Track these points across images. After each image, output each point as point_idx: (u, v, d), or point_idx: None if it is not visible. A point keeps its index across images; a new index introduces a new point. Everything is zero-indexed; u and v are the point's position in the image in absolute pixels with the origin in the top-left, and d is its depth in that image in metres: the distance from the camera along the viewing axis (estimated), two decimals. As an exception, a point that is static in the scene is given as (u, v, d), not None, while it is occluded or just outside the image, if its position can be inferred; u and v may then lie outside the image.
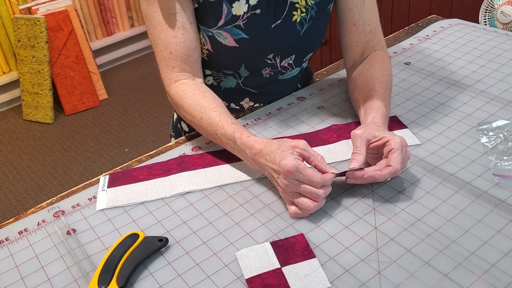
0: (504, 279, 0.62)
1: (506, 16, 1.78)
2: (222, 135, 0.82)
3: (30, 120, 2.90)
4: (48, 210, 0.80)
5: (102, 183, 0.84)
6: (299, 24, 0.93)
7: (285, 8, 0.90)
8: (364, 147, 0.76)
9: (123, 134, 2.72)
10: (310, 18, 0.93)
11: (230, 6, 0.87)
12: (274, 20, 0.91)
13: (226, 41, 0.91)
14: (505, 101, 0.97)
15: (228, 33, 0.90)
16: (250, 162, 0.80)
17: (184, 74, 0.90)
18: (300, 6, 0.91)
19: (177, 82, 0.90)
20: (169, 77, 0.90)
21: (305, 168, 0.70)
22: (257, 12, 0.89)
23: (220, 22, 0.89)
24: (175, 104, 0.91)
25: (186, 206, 0.78)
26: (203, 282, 0.65)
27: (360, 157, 0.74)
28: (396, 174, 0.73)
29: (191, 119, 0.88)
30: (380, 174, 0.73)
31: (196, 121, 0.86)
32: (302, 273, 0.65)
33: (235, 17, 0.88)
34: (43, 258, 0.71)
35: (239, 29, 0.89)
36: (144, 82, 3.21)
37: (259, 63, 0.96)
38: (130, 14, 3.42)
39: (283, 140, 0.75)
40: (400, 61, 1.16)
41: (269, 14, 0.90)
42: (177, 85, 0.90)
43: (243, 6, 0.88)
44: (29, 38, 2.71)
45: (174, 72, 0.90)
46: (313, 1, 0.92)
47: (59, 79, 2.84)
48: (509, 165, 0.79)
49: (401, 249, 0.67)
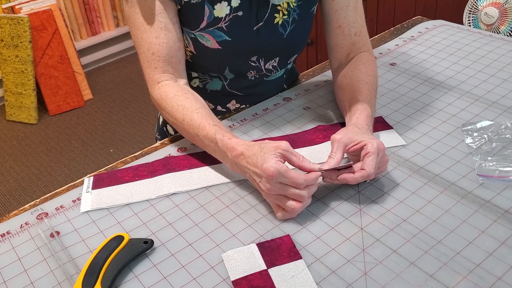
0: (489, 279, 0.62)
1: (490, 18, 1.80)
2: (203, 137, 0.81)
3: (14, 120, 2.87)
4: (31, 212, 0.79)
5: (87, 185, 0.83)
6: (281, 27, 0.92)
7: (267, 10, 0.90)
8: (340, 152, 0.76)
9: (108, 134, 2.70)
10: (293, 20, 0.93)
11: (212, 8, 0.87)
12: (256, 22, 0.90)
13: (209, 43, 0.90)
14: (489, 102, 0.98)
15: (210, 35, 0.89)
16: (231, 165, 0.79)
17: (166, 75, 0.89)
18: (282, 9, 0.91)
19: (159, 83, 0.89)
20: (152, 79, 0.89)
21: (288, 171, 0.70)
22: (239, 14, 0.88)
23: (202, 24, 0.88)
24: (158, 106, 0.90)
25: (172, 208, 0.78)
26: (189, 284, 0.65)
27: (333, 161, 0.75)
28: (369, 177, 0.73)
29: (173, 121, 0.87)
30: (352, 177, 0.73)
31: (178, 123, 0.85)
32: (288, 274, 0.64)
33: (217, 19, 0.88)
34: (26, 261, 0.70)
35: (221, 31, 0.89)
36: (130, 82, 3.19)
37: (243, 66, 0.96)
38: (115, 13, 3.39)
39: (265, 142, 0.74)
40: (386, 62, 1.16)
41: (251, 16, 0.89)
42: (159, 87, 0.88)
43: (225, 8, 0.87)
44: (13, 38, 2.67)
45: (156, 73, 0.89)
46: (295, 4, 0.92)
47: (43, 79, 2.80)
48: (493, 166, 0.80)
49: (387, 250, 0.67)
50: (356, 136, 0.77)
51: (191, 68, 0.98)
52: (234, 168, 0.79)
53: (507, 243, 0.67)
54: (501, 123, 0.90)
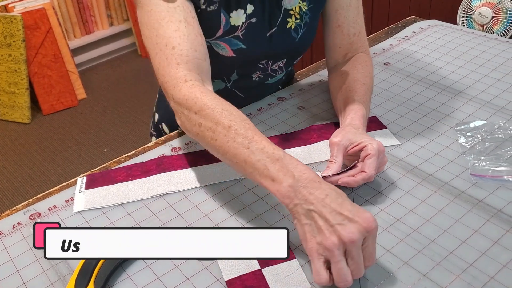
0: (482, 278, 0.63)
1: (483, 18, 1.81)
2: (257, 149, 0.65)
3: (7, 120, 2.85)
4: (24, 213, 0.78)
5: (80, 185, 0.83)
6: (294, 31, 0.91)
7: (279, 15, 0.89)
8: (341, 155, 0.76)
9: (102, 134, 2.69)
10: (305, 24, 0.92)
11: (228, 16, 0.85)
12: (270, 28, 0.89)
13: (224, 52, 0.88)
14: (482, 101, 0.98)
15: (226, 44, 0.87)
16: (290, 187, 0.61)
17: (193, 74, 0.75)
18: (294, 13, 0.90)
19: (187, 82, 0.73)
20: (175, 77, 0.74)
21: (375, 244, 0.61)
22: (253, 20, 0.87)
23: (219, 33, 0.86)
24: (188, 106, 0.72)
25: (165, 208, 0.77)
26: (182, 284, 0.65)
27: (335, 166, 0.75)
28: (369, 180, 0.74)
29: (210, 126, 0.69)
30: (353, 180, 0.73)
31: (221, 128, 0.68)
32: (282, 274, 0.64)
33: (234, 27, 0.86)
34: (18, 262, 0.70)
35: (238, 40, 0.87)
36: (124, 82, 3.18)
37: (251, 69, 0.95)
38: (109, 12, 3.38)
39: None
40: (380, 61, 1.16)
41: (264, 22, 0.88)
42: (189, 86, 0.73)
43: (241, 16, 0.85)
44: (5, 37, 2.66)
45: (180, 70, 0.74)
46: (307, 7, 0.91)
47: (36, 78, 2.79)
48: (486, 165, 0.80)
49: (380, 249, 0.67)
50: (355, 137, 0.77)
51: None
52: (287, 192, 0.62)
53: (500, 242, 0.67)
54: (494, 123, 0.90)
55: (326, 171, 0.75)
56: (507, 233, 0.69)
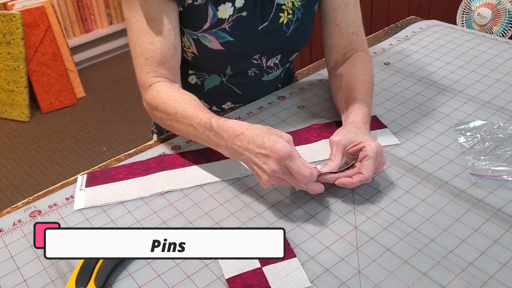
0: (481, 277, 0.63)
1: (483, 18, 1.81)
2: (197, 124, 0.78)
3: (5, 118, 2.85)
4: (24, 210, 0.78)
5: (80, 183, 0.83)
6: (285, 26, 0.92)
7: (272, 10, 0.90)
8: (340, 154, 0.76)
9: (101, 132, 2.68)
10: (297, 19, 0.93)
11: (215, 9, 0.86)
12: (261, 22, 0.90)
13: (212, 44, 0.89)
14: (482, 101, 0.98)
15: (213, 37, 0.89)
16: (226, 148, 0.75)
17: (159, 78, 0.87)
18: (287, 8, 0.91)
19: (151, 85, 0.87)
20: (144, 83, 0.88)
21: (298, 157, 0.68)
22: (243, 14, 0.88)
23: (206, 26, 0.87)
24: (150, 107, 0.88)
25: (166, 206, 0.78)
26: (183, 282, 0.65)
27: (333, 164, 0.75)
28: (367, 181, 0.74)
29: (166, 118, 0.84)
30: (350, 182, 0.74)
31: (172, 117, 0.82)
32: (282, 272, 0.64)
33: (221, 20, 0.87)
34: (19, 259, 0.70)
35: (224, 32, 0.88)
36: (123, 80, 3.17)
37: (245, 64, 0.96)
38: (109, 11, 3.38)
39: (269, 127, 0.72)
40: (380, 61, 1.17)
41: (255, 16, 0.89)
42: (151, 88, 0.86)
43: (228, 9, 0.86)
44: (5, 35, 2.65)
45: (149, 77, 0.87)
46: (299, 3, 0.91)
47: (35, 77, 2.79)
48: (486, 165, 0.80)
49: (380, 248, 0.68)
50: (355, 136, 0.77)
51: (192, 67, 0.98)
52: (230, 151, 0.75)
53: (500, 241, 0.68)
54: (494, 122, 0.91)
55: (323, 169, 0.75)
56: (507, 232, 0.69)
